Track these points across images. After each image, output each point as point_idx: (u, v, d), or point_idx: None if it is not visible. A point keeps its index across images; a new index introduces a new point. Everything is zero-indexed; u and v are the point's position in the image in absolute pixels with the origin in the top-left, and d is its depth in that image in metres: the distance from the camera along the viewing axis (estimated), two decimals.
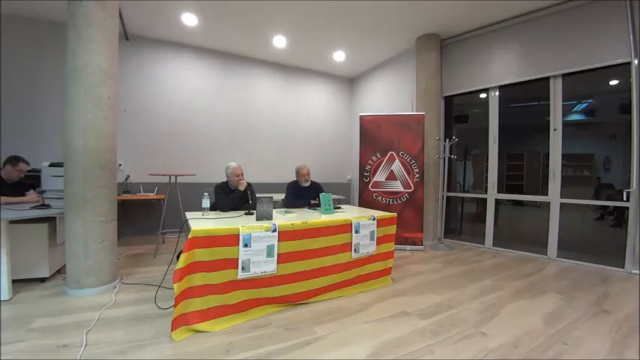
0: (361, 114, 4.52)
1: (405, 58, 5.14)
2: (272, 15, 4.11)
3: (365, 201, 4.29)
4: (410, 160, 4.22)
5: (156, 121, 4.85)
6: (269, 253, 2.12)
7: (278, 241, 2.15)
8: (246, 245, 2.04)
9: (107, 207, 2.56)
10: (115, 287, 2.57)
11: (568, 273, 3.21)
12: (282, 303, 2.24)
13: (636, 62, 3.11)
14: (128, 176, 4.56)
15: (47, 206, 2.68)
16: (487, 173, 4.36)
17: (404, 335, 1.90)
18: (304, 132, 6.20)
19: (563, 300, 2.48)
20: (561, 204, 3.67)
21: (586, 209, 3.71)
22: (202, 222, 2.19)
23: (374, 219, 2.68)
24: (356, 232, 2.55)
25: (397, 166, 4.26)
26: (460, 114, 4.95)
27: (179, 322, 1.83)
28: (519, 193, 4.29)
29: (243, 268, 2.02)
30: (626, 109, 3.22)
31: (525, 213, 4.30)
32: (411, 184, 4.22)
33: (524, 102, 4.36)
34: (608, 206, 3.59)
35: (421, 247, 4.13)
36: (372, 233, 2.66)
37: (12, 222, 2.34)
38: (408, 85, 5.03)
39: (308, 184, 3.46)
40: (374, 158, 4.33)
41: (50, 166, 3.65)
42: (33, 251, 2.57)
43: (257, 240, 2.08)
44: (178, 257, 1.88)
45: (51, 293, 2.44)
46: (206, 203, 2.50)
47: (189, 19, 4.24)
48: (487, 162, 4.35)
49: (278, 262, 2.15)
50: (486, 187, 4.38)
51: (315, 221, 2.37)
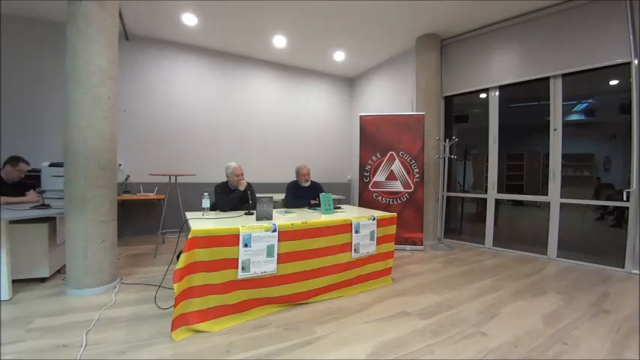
0: (361, 114, 4.52)
1: (405, 58, 5.14)
2: (272, 15, 4.11)
3: (365, 201, 4.29)
4: (410, 160, 4.22)
5: (156, 121, 4.85)
6: (269, 253, 2.12)
7: (278, 241, 2.15)
8: (246, 245, 2.04)
9: (107, 207, 2.56)
10: (115, 287, 2.57)
11: (568, 273, 3.21)
12: (282, 303, 2.24)
13: (636, 62, 3.11)
14: (128, 176, 4.56)
15: (47, 206, 2.68)
16: (487, 173, 4.36)
17: (404, 335, 1.90)
18: (304, 132, 6.20)
19: (563, 300, 2.48)
20: (561, 204, 3.67)
21: (586, 209, 3.71)
22: (202, 222, 2.19)
23: (374, 219, 2.68)
24: (356, 232, 2.55)
25: (397, 166, 4.26)
26: (460, 114, 4.95)
27: (179, 322, 1.83)
28: (519, 193, 4.29)
29: (243, 268, 2.02)
30: (626, 109, 3.22)
31: (525, 213, 4.30)
32: (411, 184, 4.21)
33: (524, 102, 4.36)
34: (608, 206, 3.59)
35: (421, 247, 4.13)
36: (372, 233, 2.66)
37: (12, 222, 2.34)
38: (408, 85, 5.03)
39: (308, 184, 3.46)
40: (374, 158, 4.33)
41: (50, 166, 3.65)
42: (33, 251, 2.56)
43: (257, 240, 2.08)
44: (178, 257, 1.88)
45: (51, 293, 2.44)
46: (206, 203, 2.50)
47: (189, 19, 4.24)
48: (487, 162, 4.35)
49: (278, 262, 2.15)
50: (486, 187, 4.38)
51: (315, 221, 2.37)
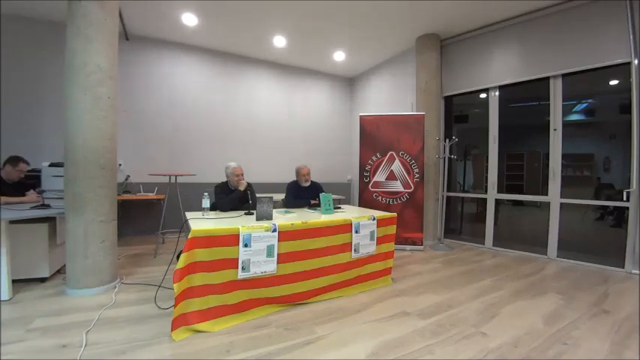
0: (361, 114, 4.52)
1: (405, 58, 5.14)
2: (272, 15, 4.11)
3: (365, 201, 4.29)
4: (410, 160, 4.22)
5: (156, 121, 4.85)
6: (269, 253, 2.12)
7: (278, 241, 2.15)
8: (246, 245, 2.04)
9: (107, 207, 2.56)
10: (115, 287, 2.57)
11: (568, 273, 3.21)
12: (282, 303, 2.24)
13: (636, 62, 3.11)
14: (128, 176, 4.56)
15: (47, 206, 2.68)
16: (487, 173, 4.36)
17: (404, 335, 1.90)
18: (304, 132, 6.20)
19: (563, 300, 2.48)
20: (561, 204, 3.67)
21: (586, 209, 3.71)
22: (202, 222, 2.19)
23: (374, 219, 2.68)
24: (356, 232, 2.55)
25: (397, 166, 4.26)
26: (460, 114, 4.95)
27: (179, 322, 1.83)
28: (519, 193, 4.29)
29: (243, 268, 2.02)
30: (626, 109, 3.22)
31: (525, 213, 4.30)
32: (411, 184, 4.21)
33: (524, 102, 4.36)
34: (608, 206, 3.59)
35: (421, 247, 4.13)
36: (372, 233, 2.66)
37: (12, 222, 2.34)
38: (408, 85, 5.02)
39: (308, 184, 3.46)
40: (374, 158, 4.33)
41: (50, 166, 3.65)
42: (33, 251, 2.56)
43: (257, 240, 2.08)
44: (178, 257, 1.88)
45: (51, 293, 2.44)
46: (206, 203, 2.50)
47: (189, 19, 4.24)
48: (487, 162, 4.35)
49: (278, 262, 2.15)
50: (486, 187, 4.38)
51: (315, 221, 2.37)
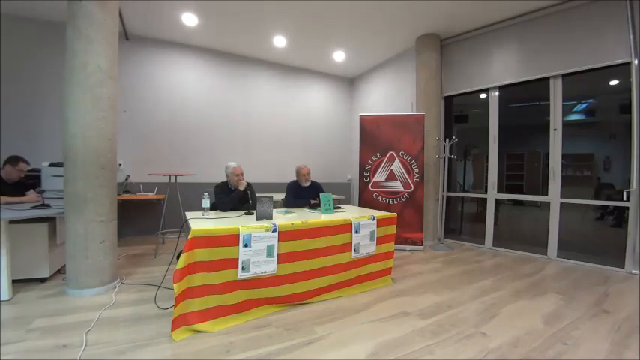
0: (361, 114, 4.52)
1: (405, 58, 5.14)
2: (272, 15, 4.11)
3: (365, 201, 4.28)
4: (410, 160, 4.22)
5: (156, 121, 4.85)
6: (269, 253, 2.12)
7: (278, 241, 2.15)
8: (246, 245, 2.04)
9: (107, 207, 2.56)
10: (115, 287, 2.57)
11: (568, 273, 3.21)
12: (282, 303, 2.24)
13: (636, 62, 3.11)
14: (128, 176, 4.56)
15: (47, 206, 2.68)
16: (487, 173, 4.36)
17: (404, 335, 1.90)
18: (304, 132, 6.20)
19: (563, 300, 2.48)
20: (561, 204, 3.67)
21: (586, 209, 3.71)
22: (202, 222, 2.19)
23: (374, 219, 2.68)
24: (356, 232, 2.55)
25: (397, 166, 4.26)
26: (460, 114, 4.95)
27: (179, 322, 1.83)
28: (519, 193, 4.29)
29: (243, 268, 2.02)
30: (626, 109, 3.22)
31: (525, 213, 4.30)
32: (411, 184, 4.21)
33: (524, 102, 4.36)
34: (608, 206, 3.59)
35: (421, 247, 4.13)
36: (372, 233, 2.66)
37: (12, 222, 2.34)
38: (408, 85, 5.03)
39: (308, 184, 3.46)
40: (374, 158, 4.33)
41: (50, 166, 3.65)
42: (33, 251, 2.57)
43: (257, 240, 2.08)
44: (178, 257, 1.88)
45: (51, 293, 2.44)
46: (206, 203, 2.50)
47: (189, 19, 4.24)
48: (487, 162, 4.35)
49: (278, 262, 2.15)
50: (486, 187, 4.38)
51: (315, 221, 2.37)
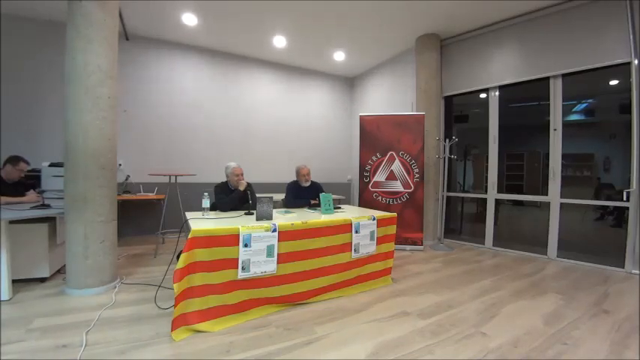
0: (361, 114, 4.52)
1: (405, 58, 5.14)
2: (272, 15, 4.11)
3: (365, 201, 4.28)
4: (410, 160, 4.22)
5: (156, 121, 4.85)
6: (269, 253, 2.12)
7: (278, 241, 2.15)
8: (246, 245, 2.04)
9: (107, 207, 2.56)
10: (115, 287, 2.57)
11: (568, 273, 3.21)
12: (282, 303, 2.24)
13: (636, 62, 3.11)
14: (128, 176, 4.56)
15: (47, 206, 2.67)
16: (487, 173, 4.36)
17: (404, 335, 1.90)
18: (304, 132, 6.20)
19: (563, 300, 2.48)
20: (561, 204, 3.67)
21: (586, 209, 3.71)
22: (202, 222, 2.19)
23: (374, 219, 2.68)
24: (356, 232, 2.55)
25: (397, 166, 4.26)
26: (460, 114, 4.95)
27: (179, 322, 1.83)
28: (519, 193, 4.29)
29: (243, 268, 2.02)
30: (626, 109, 3.22)
31: (525, 213, 4.30)
32: (411, 184, 4.21)
33: (524, 102, 4.36)
34: (608, 206, 3.59)
35: (421, 247, 4.13)
36: (372, 233, 2.66)
37: (12, 222, 2.34)
38: (408, 85, 5.03)
39: (308, 184, 3.46)
40: (374, 158, 4.33)
41: (50, 166, 3.65)
42: (33, 251, 2.56)
43: (257, 240, 2.08)
44: (178, 257, 1.88)
45: (51, 293, 2.44)
46: (206, 203, 2.49)
47: (189, 19, 4.24)
48: (487, 162, 4.35)
49: (278, 262, 2.15)
50: (486, 187, 4.38)
51: (315, 221, 2.37)
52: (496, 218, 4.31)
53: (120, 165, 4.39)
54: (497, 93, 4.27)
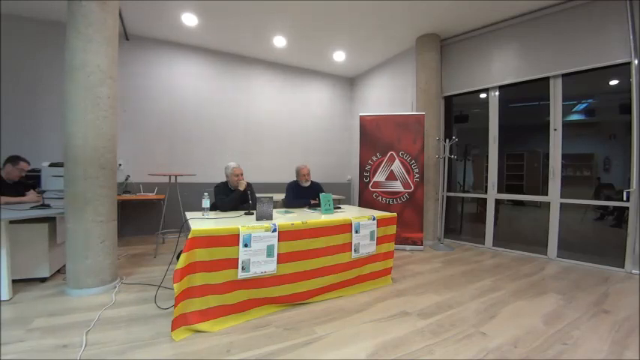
0: (361, 114, 4.52)
1: (405, 58, 5.14)
2: (272, 15, 4.11)
3: (365, 201, 4.28)
4: (410, 160, 4.22)
5: (156, 121, 4.85)
6: (269, 253, 2.12)
7: (278, 241, 2.15)
8: (246, 245, 2.04)
9: (107, 207, 2.56)
10: (115, 287, 2.57)
11: (568, 273, 3.21)
12: (282, 303, 2.24)
13: (636, 62, 3.11)
14: (128, 176, 4.56)
15: (47, 206, 2.68)
16: (487, 173, 4.36)
17: (404, 335, 1.90)
18: (304, 132, 6.20)
19: (563, 300, 2.48)
20: (561, 204, 3.67)
21: (586, 209, 3.71)
22: (202, 222, 2.19)
23: (374, 219, 2.68)
24: (356, 232, 2.55)
25: (397, 166, 4.26)
26: (460, 114, 4.95)
27: (179, 322, 1.83)
28: (519, 193, 4.29)
29: (243, 268, 2.02)
30: (626, 109, 3.22)
31: (525, 213, 4.30)
32: (411, 184, 4.21)
33: (524, 102, 4.36)
34: (608, 206, 3.59)
35: (421, 247, 4.13)
36: (372, 233, 2.66)
37: (12, 222, 2.34)
38: (408, 85, 5.03)
39: (308, 184, 3.46)
40: (374, 158, 4.33)
41: (50, 166, 3.65)
42: (33, 251, 2.56)
43: (257, 240, 2.08)
44: (178, 257, 1.88)
45: (51, 293, 2.44)
46: (206, 203, 2.49)
47: (189, 19, 4.24)
48: (487, 162, 4.35)
49: (278, 262, 2.15)
50: (486, 187, 4.38)
51: (315, 221, 2.37)
52: (496, 218, 4.31)
53: (120, 165, 4.39)
54: (497, 93, 4.27)
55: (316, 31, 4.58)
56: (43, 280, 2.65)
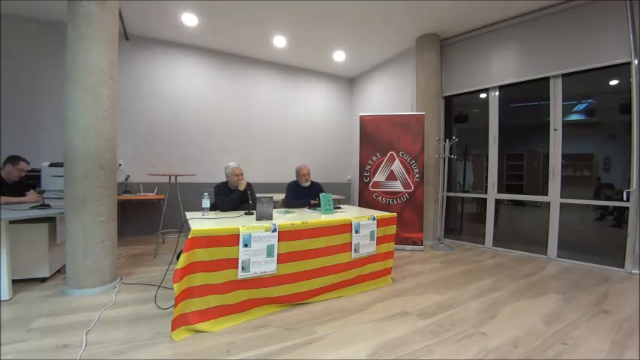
0: (361, 114, 4.52)
1: (405, 58, 5.14)
2: (272, 15, 4.11)
3: (365, 201, 4.28)
4: (410, 160, 4.22)
5: (156, 121, 4.85)
6: (269, 253, 2.12)
7: (278, 241, 2.15)
8: (246, 245, 2.04)
9: (107, 207, 2.56)
10: (115, 287, 2.57)
11: (568, 273, 3.21)
12: (282, 303, 2.24)
13: (636, 62, 3.11)
14: (128, 176, 4.56)
15: (47, 206, 2.68)
16: (487, 173, 4.36)
17: (404, 335, 1.90)
18: (304, 132, 6.20)
19: (563, 300, 2.48)
20: (561, 204, 3.67)
21: (586, 209, 3.71)
22: (202, 222, 2.19)
23: (374, 219, 2.68)
24: (356, 232, 2.55)
25: (397, 166, 4.26)
26: (460, 114, 4.95)
27: (179, 322, 1.83)
28: (519, 193, 4.29)
29: (243, 268, 2.02)
30: (626, 109, 3.22)
31: (525, 213, 4.30)
32: (411, 184, 4.21)
33: (524, 102, 4.36)
34: (608, 206, 3.59)
35: (421, 247, 4.13)
36: (372, 233, 2.66)
37: (12, 222, 2.34)
38: (408, 85, 5.03)
39: (308, 184, 3.46)
40: (374, 158, 4.33)
41: (50, 166, 3.65)
42: (33, 251, 2.56)
43: (257, 240, 2.08)
44: (178, 257, 1.88)
45: (51, 293, 2.44)
46: (206, 203, 2.49)
47: (189, 19, 4.24)
48: (487, 162, 4.35)
49: (278, 262, 2.15)
50: (486, 187, 4.38)
51: (315, 221, 2.37)
52: (496, 218, 4.31)
53: (120, 165, 4.39)
54: (497, 93, 4.27)
55: (316, 31, 4.58)
56: (43, 280, 2.65)
